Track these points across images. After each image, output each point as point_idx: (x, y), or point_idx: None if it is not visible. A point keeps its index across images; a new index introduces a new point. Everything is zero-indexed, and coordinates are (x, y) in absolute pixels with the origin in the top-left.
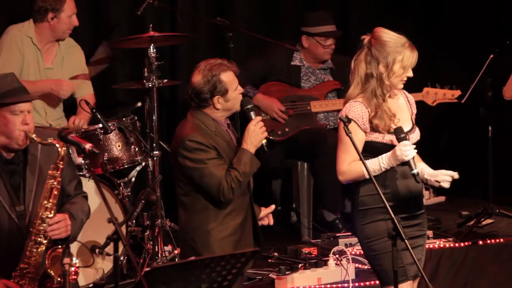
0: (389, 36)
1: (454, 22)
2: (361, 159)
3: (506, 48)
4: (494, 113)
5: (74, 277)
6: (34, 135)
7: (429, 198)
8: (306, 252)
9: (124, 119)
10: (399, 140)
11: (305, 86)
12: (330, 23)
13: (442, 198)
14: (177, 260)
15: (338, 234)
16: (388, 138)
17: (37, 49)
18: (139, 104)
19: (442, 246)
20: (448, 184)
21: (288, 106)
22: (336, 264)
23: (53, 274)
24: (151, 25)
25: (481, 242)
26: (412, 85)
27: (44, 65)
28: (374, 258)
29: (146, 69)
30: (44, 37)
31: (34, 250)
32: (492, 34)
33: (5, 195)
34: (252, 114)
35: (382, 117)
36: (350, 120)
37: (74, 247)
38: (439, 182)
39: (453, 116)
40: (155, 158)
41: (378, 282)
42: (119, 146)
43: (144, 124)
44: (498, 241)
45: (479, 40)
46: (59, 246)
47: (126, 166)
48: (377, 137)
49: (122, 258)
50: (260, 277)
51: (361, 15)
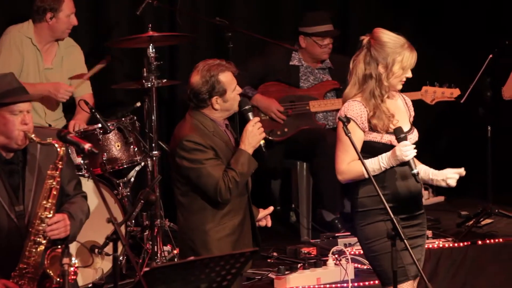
0: (388, 36)
1: (454, 22)
2: (360, 159)
3: (505, 48)
4: (493, 113)
5: (73, 277)
6: (33, 135)
7: (428, 198)
8: (305, 252)
9: (123, 119)
10: (399, 140)
11: (304, 86)
12: (327, 23)
13: (441, 198)
14: (176, 260)
15: (337, 234)
16: (386, 138)
17: (36, 49)
18: (138, 104)
19: (441, 246)
20: (455, 182)
21: (287, 106)
22: (335, 264)
23: (52, 274)
24: (150, 25)
25: (480, 242)
26: (411, 85)
27: (43, 65)
28: (374, 259)
29: (145, 69)
30: (43, 37)
31: (33, 250)
32: (491, 34)
33: (4, 195)
34: (250, 115)
35: (381, 117)
36: (349, 119)
37: (73, 247)
38: (446, 181)
39: (452, 116)
40: (154, 158)
41: (378, 282)
42: (118, 146)
43: (143, 124)
44: (497, 241)
45: (479, 40)
46: (58, 246)
47: (125, 166)
48: (375, 137)
49: (121, 258)
50: (259, 277)
51: (361, 15)
